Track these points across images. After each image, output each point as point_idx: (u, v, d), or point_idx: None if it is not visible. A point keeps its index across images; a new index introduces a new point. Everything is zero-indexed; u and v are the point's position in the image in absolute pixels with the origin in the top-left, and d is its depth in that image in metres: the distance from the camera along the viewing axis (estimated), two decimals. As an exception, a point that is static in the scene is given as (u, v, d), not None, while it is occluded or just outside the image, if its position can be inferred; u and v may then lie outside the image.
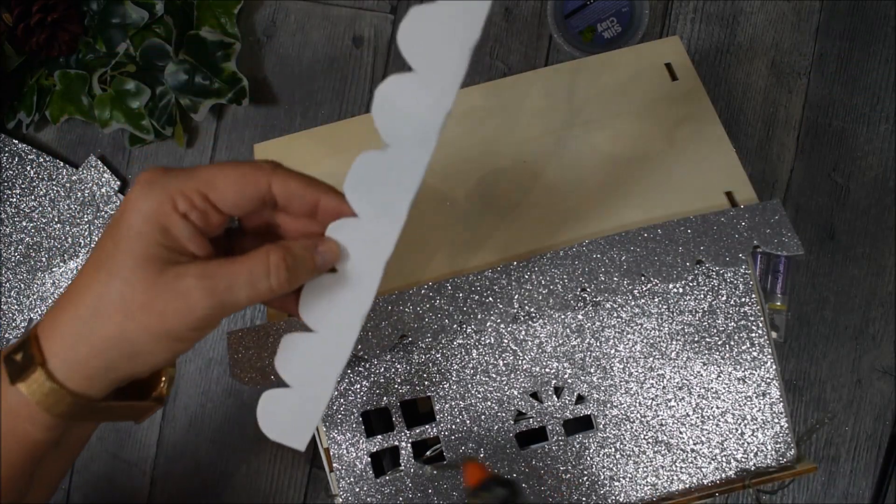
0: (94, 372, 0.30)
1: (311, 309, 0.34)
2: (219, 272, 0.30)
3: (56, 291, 0.64)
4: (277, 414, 0.35)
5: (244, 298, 0.31)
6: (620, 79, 0.50)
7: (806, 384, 0.61)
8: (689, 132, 0.48)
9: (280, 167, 0.33)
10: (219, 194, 0.31)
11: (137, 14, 0.61)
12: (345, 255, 0.34)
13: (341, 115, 0.64)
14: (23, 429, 0.31)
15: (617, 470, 0.43)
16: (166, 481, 0.64)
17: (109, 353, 0.30)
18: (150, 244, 0.30)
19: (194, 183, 0.30)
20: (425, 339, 0.43)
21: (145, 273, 0.30)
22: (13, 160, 0.65)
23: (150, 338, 0.30)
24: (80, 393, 0.31)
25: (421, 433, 0.44)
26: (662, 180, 0.46)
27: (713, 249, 0.43)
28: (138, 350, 0.30)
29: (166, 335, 0.30)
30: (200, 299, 0.30)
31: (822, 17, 0.63)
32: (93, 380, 0.31)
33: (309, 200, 0.33)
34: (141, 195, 0.30)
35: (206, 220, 0.31)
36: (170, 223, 0.30)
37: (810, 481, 0.61)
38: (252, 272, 0.31)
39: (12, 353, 0.31)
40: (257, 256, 0.31)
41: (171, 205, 0.30)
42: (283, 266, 0.31)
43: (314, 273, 0.33)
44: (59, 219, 0.64)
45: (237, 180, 0.31)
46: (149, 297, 0.30)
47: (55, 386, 0.30)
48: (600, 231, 0.45)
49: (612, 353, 0.44)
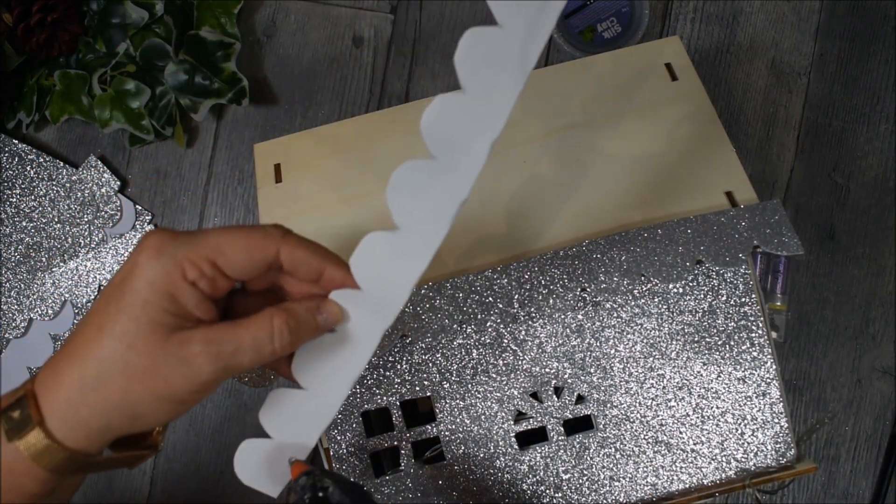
0: (94, 431, 0.31)
1: (304, 367, 0.35)
2: (224, 338, 0.31)
3: (56, 291, 0.64)
4: (255, 461, 0.35)
5: (247, 363, 0.31)
6: (620, 79, 0.50)
7: (806, 384, 0.61)
8: (689, 132, 0.48)
9: (289, 234, 0.33)
10: (227, 261, 0.31)
11: (137, 14, 0.61)
12: (345, 316, 0.34)
13: (341, 115, 0.64)
14: (18, 482, 0.31)
15: (617, 470, 0.43)
16: (166, 481, 0.64)
17: (111, 414, 0.30)
18: (157, 311, 0.30)
19: (203, 250, 0.31)
20: (425, 339, 0.43)
21: (151, 339, 0.30)
22: (13, 160, 0.65)
23: (153, 402, 0.30)
24: (77, 450, 0.31)
25: (421, 433, 0.44)
26: (662, 180, 0.46)
27: (713, 249, 0.43)
28: (140, 413, 0.31)
29: (169, 399, 0.31)
30: (205, 364, 0.30)
31: (822, 17, 0.63)
32: (91, 438, 0.31)
33: (315, 269, 0.33)
34: (149, 262, 0.30)
35: (213, 286, 0.31)
36: (178, 291, 0.30)
37: (810, 481, 0.61)
38: (256, 337, 0.31)
39: (9, 409, 0.31)
40: (261, 320, 0.32)
41: (179, 273, 0.30)
42: (287, 329, 0.32)
43: (316, 334, 0.34)
44: (59, 219, 0.64)
45: (246, 247, 0.31)
46: (154, 362, 0.30)
47: (53, 444, 0.30)
48: (600, 231, 0.45)
49: (612, 353, 0.44)
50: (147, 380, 0.30)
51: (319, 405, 0.35)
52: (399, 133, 0.50)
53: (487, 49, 0.31)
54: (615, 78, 0.50)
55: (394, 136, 0.50)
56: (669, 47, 0.50)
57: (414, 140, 0.50)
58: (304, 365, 0.35)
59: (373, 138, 0.50)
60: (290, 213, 0.49)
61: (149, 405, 0.31)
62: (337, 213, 0.48)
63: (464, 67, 0.31)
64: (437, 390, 0.44)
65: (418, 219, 0.32)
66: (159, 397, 0.30)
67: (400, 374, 0.44)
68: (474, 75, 0.31)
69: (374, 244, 0.33)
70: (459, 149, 0.31)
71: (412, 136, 0.50)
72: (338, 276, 0.33)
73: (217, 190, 0.64)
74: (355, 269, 0.33)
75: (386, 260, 0.33)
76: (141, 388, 0.30)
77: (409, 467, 0.43)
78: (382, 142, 0.50)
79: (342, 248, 0.46)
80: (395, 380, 0.44)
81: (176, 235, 0.31)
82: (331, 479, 0.31)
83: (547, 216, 0.46)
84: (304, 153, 0.51)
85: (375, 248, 0.33)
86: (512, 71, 0.31)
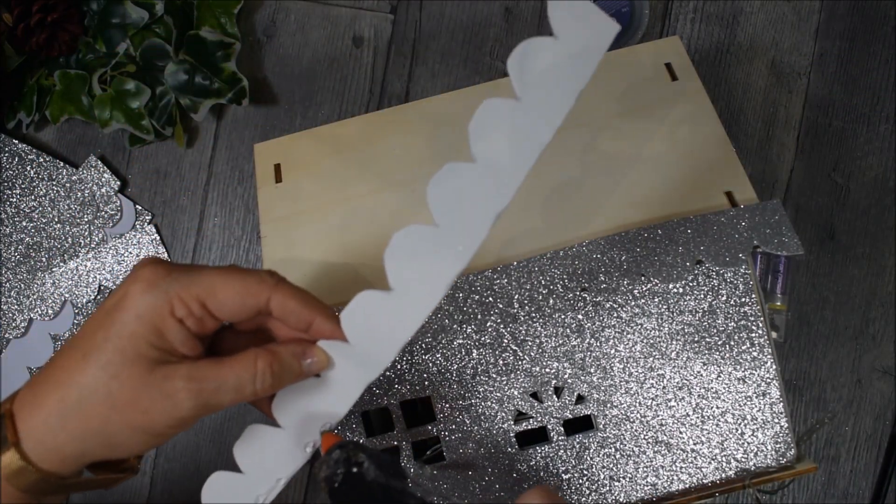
0: (69, 456, 0.31)
1: (285, 408, 0.35)
2: (207, 375, 0.31)
3: (56, 291, 0.64)
4: (223, 494, 0.35)
5: (228, 401, 0.32)
6: (620, 78, 0.50)
7: (806, 384, 0.61)
8: (689, 132, 0.48)
9: (282, 282, 0.33)
10: (218, 303, 0.31)
11: (137, 14, 0.61)
12: (331, 364, 0.34)
13: (341, 115, 0.64)
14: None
15: (617, 470, 0.43)
16: (166, 481, 0.64)
17: (88, 441, 0.31)
18: (143, 344, 0.30)
19: (195, 289, 0.31)
20: (425, 339, 0.43)
21: (134, 371, 0.30)
22: (13, 160, 0.65)
23: (131, 432, 0.31)
24: (52, 472, 0.31)
25: (421, 433, 0.44)
26: (662, 180, 0.46)
27: (713, 249, 0.43)
28: (117, 442, 0.31)
29: (147, 431, 0.31)
30: (186, 400, 0.30)
31: (822, 17, 0.63)
32: (66, 462, 0.31)
33: (304, 320, 0.33)
34: (140, 295, 0.30)
35: (201, 325, 0.32)
36: (165, 327, 0.31)
37: (810, 481, 0.61)
38: (238, 377, 0.31)
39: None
40: (245, 360, 0.32)
41: (168, 309, 0.30)
42: (270, 372, 0.32)
43: (299, 379, 0.34)
44: (59, 219, 0.64)
45: (238, 292, 0.32)
46: (136, 394, 0.30)
47: (27, 465, 0.30)
48: (600, 231, 0.45)
49: (612, 353, 0.44)
50: (127, 410, 0.30)
51: (294, 447, 0.35)
52: (399, 133, 0.50)
53: (501, 120, 0.31)
54: (615, 78, 0.50)
55: (394, 136, 0.50)
56: (669, 47, 0.50)
57: (414, 140, 0.50)
58: (284, 405, 0.35)
59: (373, 138, 0.50)
60: (290, 213, 0.49)
61: (126, 435, 0.31)
62: (337, 213, 0.48)
63: (474, 134, 0.31)
64: (437, 390, 0.44)
65: (413, 284, 0.32)
66: (138, 428, 0.31)
67: (399, 373, 0.44)
68: (484, 145, 0.31)
69: (368, 302, 0.33)
70: (463, 219, 0.31)
71: (412, 136, 0.50)
72: (327, 329, 0.33)
73: (217, 190, 0.64)
74: (346, 324, 0.33)
75: (377, 319, 0.33)
76: (120, 417, 0.30)
77: (410, 467, 0.43)
78: (382, 141, 0.50)
79: (341, 249, 0.46)
80: (394, 380, 0.44)
81: (170, 270, 0.31)
82: (365, 454, 0.30)
83: (547, 216, 0.46)
84: (304, 153, 0.51)
85: (368, 306, 0.33)
86: (521, 150, 0.31)
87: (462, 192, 0.31)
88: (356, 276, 0.46)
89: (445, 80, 0.63)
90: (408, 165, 0.49)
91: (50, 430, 0.30)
